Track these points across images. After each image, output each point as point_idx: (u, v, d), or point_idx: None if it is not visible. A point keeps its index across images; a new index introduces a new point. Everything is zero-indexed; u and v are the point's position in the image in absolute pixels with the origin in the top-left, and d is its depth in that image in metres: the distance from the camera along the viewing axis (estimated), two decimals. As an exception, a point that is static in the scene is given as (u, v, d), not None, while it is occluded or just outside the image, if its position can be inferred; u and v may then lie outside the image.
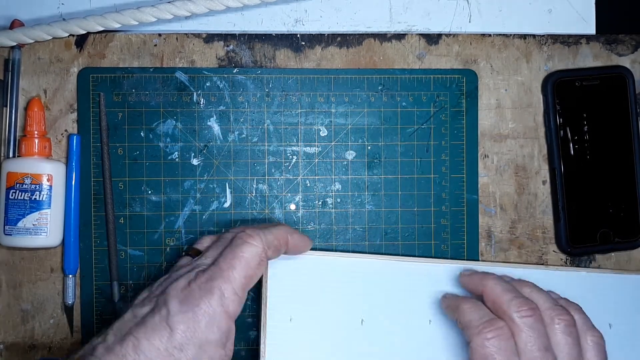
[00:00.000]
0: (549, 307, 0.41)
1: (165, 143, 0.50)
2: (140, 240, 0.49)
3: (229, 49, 0.50)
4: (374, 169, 0.51)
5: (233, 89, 0.50)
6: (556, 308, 0.41)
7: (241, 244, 0.42)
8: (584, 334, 0.42)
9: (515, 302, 0.40)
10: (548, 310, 0.41)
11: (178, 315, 0.38)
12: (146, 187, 0.49)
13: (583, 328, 0.43)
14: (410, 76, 0.51)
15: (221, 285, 0.40)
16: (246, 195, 0.50)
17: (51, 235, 0.47)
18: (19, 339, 0.49)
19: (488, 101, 0.52)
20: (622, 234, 0.52)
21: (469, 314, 0.41)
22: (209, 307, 0.39)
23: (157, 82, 0.49)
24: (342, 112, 0.51)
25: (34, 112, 0.48)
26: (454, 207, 0.51)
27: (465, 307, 0.42)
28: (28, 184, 0.47)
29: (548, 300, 0.42)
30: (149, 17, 0.47)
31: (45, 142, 0.48)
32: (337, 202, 0.51)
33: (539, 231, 0.52)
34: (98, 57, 0.50)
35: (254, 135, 0.50)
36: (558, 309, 0.41)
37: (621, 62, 0.53)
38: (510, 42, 0.52)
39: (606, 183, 0.52)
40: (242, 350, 0.50)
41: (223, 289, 0.40)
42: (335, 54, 0.51)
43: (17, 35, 0.47)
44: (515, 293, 0.41)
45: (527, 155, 0.52)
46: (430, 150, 0.51)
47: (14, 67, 0.48)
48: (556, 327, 0.41)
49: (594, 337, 0.42)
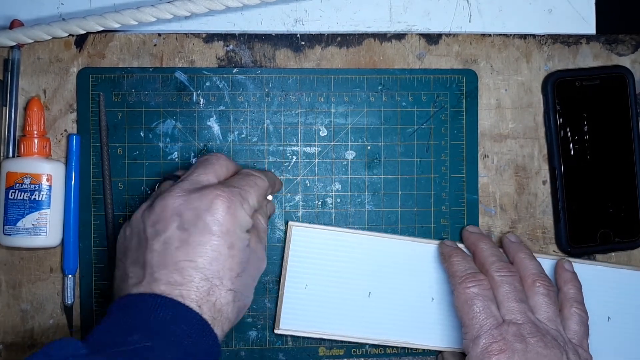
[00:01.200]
0: (534, 272, 0.45)
1: (165, 143, 0.50)
2: (139, 240, 0.49)
3: (229, 49, 0.50)
4: (374, 169, 0.51)
5: (233, 89, 0.50)
6: (539, 274, 0.45)
7: (252, 176, 0.42)
8: (570, 304, 0.46)
9: (498, 264, 0.45)
10: (532, 275, 0.45)
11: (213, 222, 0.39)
12: (146, 187, 0.49)
13: (572, 299, 0.46)
14: (410, 76, 0.51)
15: (242, 194, 0.40)
16: (246, 195, 0.50)
17: (50, 235, 0.47)
18: (19, 339, 0.49)
19: (488, 101, 0.52)
20: (622, 234, 0.52)
21: (456, 265, 0.46)
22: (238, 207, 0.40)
23: (157, 82, 0.49)
24: (342, 112, 0.51)
25: (34, 112, 0.48)
26: (454, 207, 0.51)
27: (455, 260, 0.46)
28: (27, 184, 0.46)
29: (536, 268, 0.46)
30: (149, 17, 0.47)
31: (44, 142, 0.48)
32: (337, 202, 0.51)
33: (539, 231, 0.52)
34: (98, 57, 0.49)
35: (253, 135, 0.50)
36: (541, 276, 0.45)
37: (621, 62, 0.53)
38: (510, 42, 0.52)
39: (606, 183, 0.52)
40: (242, 350, 0.50)
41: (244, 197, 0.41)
42: (335, 54, 0.51)
43: (17, 35, 0.47)
44: (500, 257, 0.46)
45: (527, 155, 0.52)
46: (430, 150, 0.51)
47: (14, 67, 0.48)
48: (536, 289, 0.45)
49: (579, 309, 0.46)
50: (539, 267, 0.46)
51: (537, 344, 0.41)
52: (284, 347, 0.50)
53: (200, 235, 0.38)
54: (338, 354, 0.50)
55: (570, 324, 0.45)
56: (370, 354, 0.51)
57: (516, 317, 0.42)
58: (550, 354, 0.41)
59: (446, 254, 0.48)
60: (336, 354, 0.50)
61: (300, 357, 0.50)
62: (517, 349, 0.41)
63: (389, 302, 0.49)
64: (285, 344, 0.50)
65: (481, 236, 0.49)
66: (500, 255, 0.47)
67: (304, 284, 0.49)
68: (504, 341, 0.41)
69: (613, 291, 0.51)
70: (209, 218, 0.39)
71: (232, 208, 0.39)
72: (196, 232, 0.38)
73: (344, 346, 0.50)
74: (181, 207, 0.39)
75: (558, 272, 0.49)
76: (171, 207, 0.39)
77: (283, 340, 0.50)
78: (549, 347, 0.41)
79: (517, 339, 0.41)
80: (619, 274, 0.51)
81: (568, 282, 0.48)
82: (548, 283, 0.45)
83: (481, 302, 0.43)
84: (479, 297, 0.43)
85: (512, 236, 0.50)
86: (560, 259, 0.50)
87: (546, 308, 0.44)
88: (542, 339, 0.41)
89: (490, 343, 0.41)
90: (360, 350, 0.51)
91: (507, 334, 0.41)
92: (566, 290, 0.47)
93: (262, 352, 0.50)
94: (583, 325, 0.45)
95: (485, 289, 0.44)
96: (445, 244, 0.49)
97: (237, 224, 0.39)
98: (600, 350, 0.50)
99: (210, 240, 0.38)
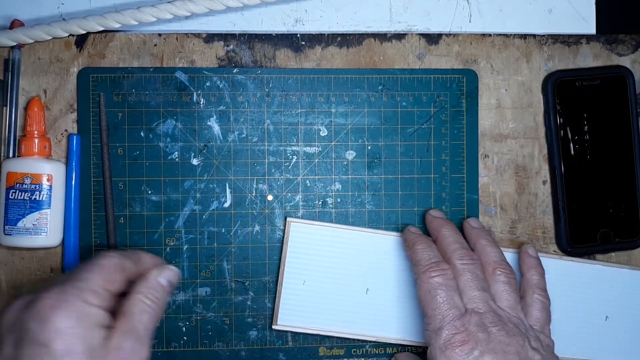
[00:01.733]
0: (495, 260, 0.45)
1: (165, 143, 0.50)
2: (140, 240, 0.49)
3: (229, 49, 0.50)
4: (374, 168, 0.51)
5: (233, 88, 0.50)
6: (500, 262, 0.45)
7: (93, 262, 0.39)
8: (533, 290, 0.46)
9: (460, 252, 0.45)
10: (493, 263, 0.45)
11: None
12: (146, 187, 0.49)
13: (534, 285, 0.46)
14: (410, 76, 0.51)
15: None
16: (246, 195, 0.50)
17: (51, 235, 0.47)
18: (19, 339, 0.49)
19: (488, 101, 0.52)
20: (622, 233, 0.52)
21: (420, 253, 0.45)
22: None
23: (157, 82, 0.49)
24: (342, 112, 0.51)
25: (34, 112, 0.48)
26: (454, 207, 0.51)
27: (418, 248, 0.46)
28: (28, 183, 0.47)
29: (496, 255, 0.46)
30: (149, 17, 0.47)
31: (45, 142, 0.48)
32: (337, 202, 0.51)
33: (539, 231, 0.52)
34: (98, 57, 0.49)
35: (254, 135, 0.50)
36: (502, 263, 0.45)
37: (621, 62, 0.53)
38: (511, 42, 0.52)
39: (606, 183, 0.52)
40: (242, 350, 0.50)
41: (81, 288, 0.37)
42: (335, 54, 0.51)
43: (17, 35, 0.47)
44: (462, 245, 0.46)
45: (527, 155, 0.52)
46: (430, 150, 0.51)
47: (14, 67, 0.48)
48: (497, 277, 0.44)
49: (541, 296, 0.46)
50: (499, 254, 0.46)
51: (499, 333, 0.41)
52: (284, 346, 0.50)
53: (29, 349, 0.34)
54: (338, 353, 0.50)
55: (533, 310, 0.45)
56: (371, 354, 0.51)
57: (478, 306, 0.42)
58: (512, 342, 0.41)
59: (410, 242, 0.47)
60: (336, 354, 0.50)
61: (300, 357, 0.50)
62: (480, 339, 0.40)
63: (387, 299, 0.50)
64: (286, 343, 0.50)
65: (444, 221, 0.48)
66: (463, 242, 0.46)
67: (302, 280, 0.49)
68: (467, 332, 0.41)
69: (611, 290, 0.51)
70: (35, 326, 0.34)
71: (64, 308, 0.35)
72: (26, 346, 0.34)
73: (344, 346, 0.50)
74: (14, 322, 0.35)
75: (522, 257, 0.48)
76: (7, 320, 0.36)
77: (283, 340, 0.50)
78: (510, 335, 0.41)
79: (480, 329, 0.41)
80: (618, 273, 0.51)
81: (531, 268, 0.47)
82: (509, 271, 0.45)
83: (444, 292, 0.42)
84: (442, 287, 0.43)
85: (473, 221, 0.49)
86: (524, 245, 0.50)
87: (507, 296, 0.44)
88: (504, 328, 0.41)
89: (453, 334, 0.41)
90: (361, 350, 0.51)
91: (469, 324, 0.41)
92: (529, 277, 0.47)
93: (262, 352, 0.50)
94: (545, 311, 0.45)
95: (448, 278, 0.43)
96: (410, 231, 0.48)
97: (73, 322, 0.35)
98: (599, 350, 0.50)
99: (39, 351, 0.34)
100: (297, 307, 0.49)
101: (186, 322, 0.50)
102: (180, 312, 0.50)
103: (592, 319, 0.48)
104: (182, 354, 0.49)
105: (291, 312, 0.49)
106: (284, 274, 0.49)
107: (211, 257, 0.50)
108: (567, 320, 0.50)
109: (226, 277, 0.50)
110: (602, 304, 0.51)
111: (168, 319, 0.49)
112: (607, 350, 0.50)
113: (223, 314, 0.50)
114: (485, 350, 0.40)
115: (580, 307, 0.51)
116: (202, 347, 0.50)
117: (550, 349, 0.44)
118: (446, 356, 0.40)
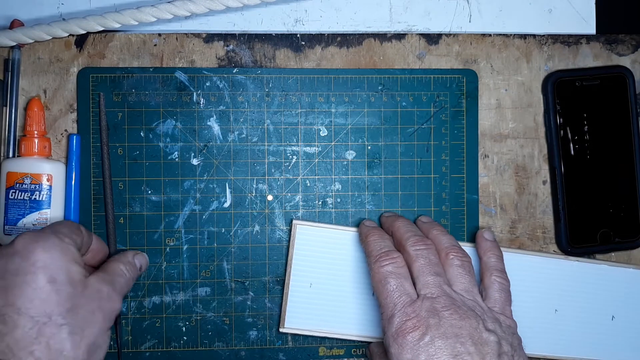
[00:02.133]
0: (447, 246, 0.45)
1: (165, 143, 0.50)
2: (140, 240, 0.49)
3: (229, 49, 0.50)
4: (374, 169, 0.51)
5: (233, 88, 0.50)
6: (453, 247, 0.45)
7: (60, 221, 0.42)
8: (490, 272, 0.46)
9: (413, 238, 0.45)
10: (446, 248, 0.45)
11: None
12: (146, 187, 0.49)
13: (492, 267, 0.46)
14: (410, 76, 0.51)
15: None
16: (246, 195, 0.50)
17: (51, 235, 0.47)
18: (19, 339, 0.49)
19: (488, 101, 0.52)
20: (622, 234, 0.52)
21: (372, 244, 0.45)
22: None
23: (157, 82, 0.49)
24: (342, 112, 0.51)
25: (34, 112, 0.48)
26: (454, 207, 0.51)
27: (371, 239, 0.46)
28: (28, 183, 0.47)
29: (448, 241, 0.46)
30: (149, 17, 0.47)
31: (45, 142, 0.48)
32: (337, 202, 0.51)
33: (539, 231, 0.52)
34: (98, 57, 0.49)
35: (254, 135, 0.50)
36: (454, 248, 0.45)
37: (621, 62, 0.53)
38: (510, 42, 0.52)
39: (606, 183, 0.52)
40: (242, 350, 0.50)
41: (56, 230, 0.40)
42: (335, 54, 0.51)
43: (17, 35, 0.47)
44: (415, 232, 0.46)
45: (527, 155, 0.52)
46: (430, 150, 0.51)
47: (14, 67, 0.48)
48: (450, 261, 0.44)
49: (499, 277, 0.45)
50: (452, 240, 0.46)
51: (451, 317, 0.40)
52: (284, 346, 0.50)
53: (15, 277, 0.37)
54: (338, 353, 0.50)
55: (491, 292, 0.45)
56: (371, 354, 0.51)
57: (431, 291, 0.42)
58: (465, 325, 0.40)
59: (363, 234, 0.47)
60: (336, 354, 0.50)
61: (300, 357, 0.50)
62: (431, 324, 0.40)
63: None
64: (286, 343, 0.50)
65: (396, 216, 0.49)
66: (417, 230, 0.46)
67: (309, 283, 0.49)
68: (418, 318, 0.40)
69: (617, 290, 0.51)
70: (18, 259, 0.37)
71: (42, 241, 0.38)
72: (10, 275, 0.37)
73: (344, 346, 0.50)
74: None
75: (478, 241, 0.49)
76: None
77: (283, 340, 0.50)
78: (463, 318, 0.40)
79: (431, 314, 0.40)
80: (624, 273, 0.51)
81: (487, 251, 0.47)
82: (462, 254, 0.45)
83: (394, 279, 0.42)
84: (392, 275, 0.42)
85: (424, 218, 0.50)
86: (480, 229, 0.50)
87: (461, 279, 0.44)
88: (457, 311, 0.41)
89: (404, 321, 0.40)
90: (361, 350, 0.51)
91: (420, 310, 0.41)
92: (486, 260, 0.47)
93: (262, 352, 0.50)
94: (504, 292, 0.45)
95: (399, 266, 0.43)
96: (364, 224, 0.49)
97: (55, 255, 0.38)
98: (605, 349, 0.50)
99: (25, 278, 0.37)
100: (304, 309, 0.49)
101: (186, 322, 0.50)
102: (180, 312, 0.50)
103: (598, 319, 0.48)
104: (182, 354, 0.49)
105: (298, 315, 0.49)
106: (290, 277, 0.49)
107: (211, 257, 0.50)
108: (573, 320, 0.50)
109: (226, 277, 0.50)
110: (608, 304, 0.51)
111: (168, 319, 0.49)
112: (614, 350, 0.50)
113: (223, 314, 0.50)
114: (437, 335, 0.39)
115: (586, 308, 0.51)
116: (202, 347, 0.50)
117: (512, 330, 0.43)
118: (398, 343, 0.40)
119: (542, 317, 0.50)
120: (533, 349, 0.50)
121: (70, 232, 0.41)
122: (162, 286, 0.49)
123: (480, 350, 0.39)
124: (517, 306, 0.48)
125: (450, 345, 0.39)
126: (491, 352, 0.40)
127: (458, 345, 0.39)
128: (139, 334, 0.49)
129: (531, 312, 0.50)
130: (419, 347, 0.39)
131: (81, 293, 0.39)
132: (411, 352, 0.39)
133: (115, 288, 0.41)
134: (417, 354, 0.39)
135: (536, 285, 0.50)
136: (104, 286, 0.40)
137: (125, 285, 0.43)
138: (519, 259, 0.50)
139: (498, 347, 0.40)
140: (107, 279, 0.41)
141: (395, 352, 0.40)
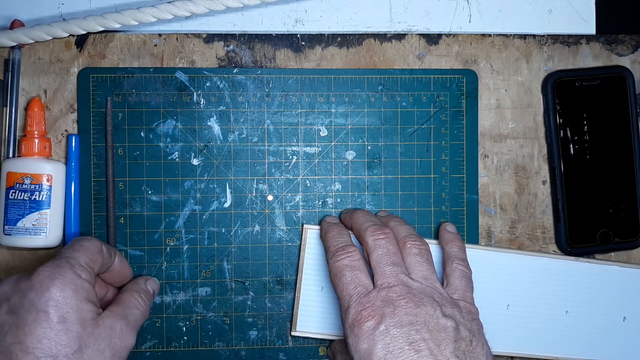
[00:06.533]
0: (404, 235, 0.45)
1: (165, 143, 0.50)
2: (140, 240, 0.49)
3: (229, 49, 0.50)
4: (374, 169, 0.51)
5: (233, 89, 0.50)
6: (411, 236, 0.45)
7: (76, 241, 0.42)
8: (452, 260, 0.46)
9: (372, 228, 0.45)
10: (404, 238, 0.45)
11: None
12: (146, 187, 0.49)
13: (453, 256, 0.47)
14: (410, 76, 0.51)
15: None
16: (246, 195, 0.50)
17: (51, 236, 0.47)
18: (19, 339, 0.49)
19: (488, 101, 0.52)
20: (622, 234, 0.52)
21: (330, 240, 0.46)
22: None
23: (157, 82, 0.49)
24: (342, 112, 0.51)
25: (34, 112, 0.48)
26: (454, 207, 0.51)
27: (329, 235, 0.46)
28: (28, 184, 0.47)
29: (406, 231, 0.46)
30: (149, 17, 0.47)
31: (45, 142, 0.48)
32: (337, 202, 0.51)
33: (539, 231, 0.52)
34: (98, 57, 0.50)
35: (254, 135, 0.50)
36: (412, 237, 0.45)
37: (621, 62, 0.53)
38: (510, 42, 0.52)
39: (606, 183, 0.52)
40: (242, 350, 0.50)
41: (72, 263, 0.40)
42: (335, 54, 0.51)
43: (17, 36, 0.47)
44: (374, 222, 0.46)
45: (527, 155, 0.52)
46: (430, 150, 0.51)
47: (14, 67, 0.48)
48: (408, 249, 0.44)
49: (460, 265, 0.46)
50: (410, 229, 0.46)
51: (406, 305, 0.40)
52: (285, 346, 0.50)
53: (27, 314, 0.37)
54: (338, 353, 0.50)
55: (452, 279, 0.45)
56: (371, 354, 0.51)
57: (388, 281, 0.42)
58: (420, 312, 0.40)
59: (323, 230, 0.48)
60: (336, 354, 0.50)
61: (300, 357, 0.50)
62: (385, 313, 0.40)
63: None
64: (286, 343, 0.50)
65: (355, 210, 0.49)
66: (376, 220, 0.46)
67: (320, 287, 0.49)
68: (372, 307, 0.40)
69: (629, 291, 0.51)
70: (33, 294, 0.38)
71: (60, 278, 0.38)
72: (23, 312, 0.37)
73: (344, 346, 0.51)
74: (8, 291, 0.38)
75: (440, 234, 0.49)
76: (2, 291, 0.39)
77: (283, 340, 0.50)
78: (419, 306, 0.40)
79: (385, 304, 0.40)
80: (635, 274, 0.51)
81: (449, 242, 0.48)
82: (419, 242, 0.45)
83: (350, 272, 0.42)
84: (347, 268, 0.43)
85: (381, 212, 0.51)
86: (442, 223, 0.50)
87: (419, 267, 0.43)
88: (412, 299, 0.41)
89: (359, 311, 0.40)
90: (361, 350, 0.51)
91: (376, 299, 0.41)
92: (448, 250, 0.47)
93: (263, 352, 0.50)
94: (465, 279, 0.45)
95: (354, 259, 0.43)
96: (325, 221, 0.49)
97: (69, 294, 0.38)
98: (617, 350, 0.50)
99: (37, 317, 0.37)
100: (315, 313, 0.49)
101: (186, 322, 0.50)
102: (180, 312, 0.50)
103: (610, 321, 0.47)
104: (182, 354, 0.49)
105: (309, 318, 0.49)
106: (301, 281, 0.49)
107: (211, 257, 0.50)
108: (584, 321, 0.50)
109: (226, 277, 0.50)
110: (619, 305, 0.51)
111: (168, 319, 0.50)
112: (627, 351, 0.50)
113: (223, 314, 0.50)
114: (391, 324, 0.39)
115: (597, 308, 0.50)
116: (202, 347, 0.50)
117: (472, 315, 0.43)
118: (355, 334, 0.40)
119: (552, 318, 0.50)
120: (543, 350, 0.50)
121: (90, 260, 0.41)
122: (162, 286, 0.49)
123: (435, 336, 0.39)
124: (518, 306, 0.49)
125: (405, 333, 0.39)
126: (447, 338, 0.40)
127: (413, 333, 0.39)
128: (139, 333, 0.49)
129: (536, 312, 0.50)
130: (375, 336, 0.39)
131: (91, 333, 0.39)
132: (367, 341, 0.39)
133: (129, 322, 0.42)
134: (373, 343, 0.39)
135: (536, 286, 0.50)
136: (117, 322, 0.41)
137: (140, 318, 0.43)
138: (519, 259, 0.50)
139: (455, 332, 0.40)
140: (122, 313, 0.42)
141: (353, 343, 0.40)
